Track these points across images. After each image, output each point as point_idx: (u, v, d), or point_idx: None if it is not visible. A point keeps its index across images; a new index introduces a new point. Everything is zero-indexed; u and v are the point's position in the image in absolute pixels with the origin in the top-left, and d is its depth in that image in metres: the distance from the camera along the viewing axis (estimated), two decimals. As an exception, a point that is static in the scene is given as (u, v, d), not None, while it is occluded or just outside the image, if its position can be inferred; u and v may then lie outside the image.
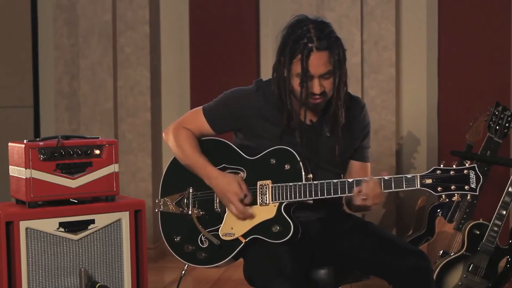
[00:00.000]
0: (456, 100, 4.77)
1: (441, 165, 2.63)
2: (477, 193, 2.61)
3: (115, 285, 3.12)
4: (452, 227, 3.88)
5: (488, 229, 3.62)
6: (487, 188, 3.83)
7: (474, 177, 2.60)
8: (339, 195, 2.72)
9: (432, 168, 2.63)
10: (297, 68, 2.71)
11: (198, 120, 2.95)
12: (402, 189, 2.67)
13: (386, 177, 2.67)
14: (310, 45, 2.69)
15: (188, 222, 2.92)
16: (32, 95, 5.36)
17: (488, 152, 3.78)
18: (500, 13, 4.71)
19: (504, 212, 3.59)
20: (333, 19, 4.51)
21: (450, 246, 3.84)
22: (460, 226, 3.83)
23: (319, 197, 2.73)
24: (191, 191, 2.94)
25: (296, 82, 2.73)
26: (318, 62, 2.70)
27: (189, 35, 5.13)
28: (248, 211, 2.79)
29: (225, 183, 2.81)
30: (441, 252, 3.83)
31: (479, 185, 2.60)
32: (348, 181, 2.70)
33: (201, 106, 2.98)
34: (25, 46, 5.34)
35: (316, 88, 2.72)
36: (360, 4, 4.78)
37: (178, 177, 2.98)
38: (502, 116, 3.79)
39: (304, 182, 2.75)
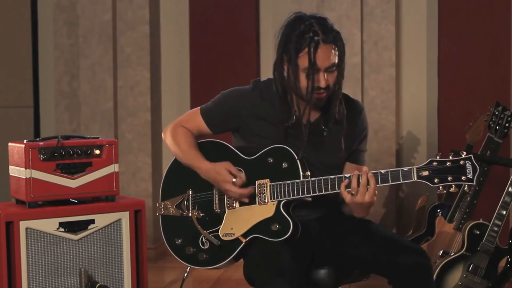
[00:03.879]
0: (456, 100, 4.77)
1: (437, 157, 2.63)
2: (474, 183, 2.61)
3: (115, 285, 3.12)
4: (452, 227, 3.88)
5: (488, 229, 3.62)
6: (487, 188, 3.84)
7: (471, 168, 2.59)
8: (337, 190, 2.71)
9: (428, 160, 2.63)
10: (304, 62, 2.72)
11: (196, 121, 2.95)
12: (399, 182, 2.66)
13: (382, 171, 2.66)
14: (316, 38, 2.70)
15: (188, 224, 2.92)
16: (32, 95, 5.36)
17: (488, 152, 3.78)
18: (500, 13, 4.71)
19: (504, 212, 3.59)
20: (333, 19, 4.46)
21: (450, 246, 3.84)
22: (460, 226, 3.83)
23: (317, 193, 2.73)
24: (190, 193, 2.94)
25: (302, 77, 2.73)
26: (324, 55, 2.71)
27: (189, 35, 5.13)
28: (245, 191, 2.79)
29: (215, 173, 2.83)
30: (441, 252, 3.83)
31: (476, 174, 2.59)
32: (345, 176, 2.70)
33: (199, 107, 2.98)
34: (25, 46, 5.34)
35: (322, 81, 2.72)
36: (360, 4, 4.78)
37: (177, 180, 2.98)
38: (502, 116, 3.79)
39: (301, 179, 2.75)
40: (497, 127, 3.78)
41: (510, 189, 3.59)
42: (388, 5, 4.77)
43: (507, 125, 3.78)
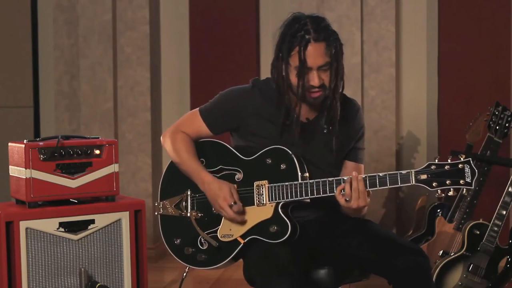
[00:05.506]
0: (456, 100, 4.77)
1: (436, 160, 2.63)
2: (473, 187, 2.60)
3: (115, 285, 3.12)
4: (452, 227, 3.88)
5: (488, 229, 3.62)
6: (487, 188, 3.84)
7: (469, 171, 2.58)
8: (335, 193, 2.71)
9: (427, 164, 2.63)
10: (295, 60, 2.72)
11: (195, 122, 2.95)
12: (398, 186, 2.66)
13: (381, 174, 2.66)
14: (307, 36, 2.70)
15: (187, 224, 2.92)
16: (32, 95, 5.36)
17: (488, 152, 3.78)
18: (500, 13, 4.71)
19: (504, 212, 3.59)
20: (333, 19, 4.50)
21: (450, 246, 3.84)
22: (460, 226, 3.82)
23: (315, 195, 2.73)
24: (189, 193, 2.94)
25: (294, 75, 2.74)
26: (315, 53, 2.70)
27: (189, 35, 5.13)
28: (238, 218, 2.79)
29: (217, 188, 2.82)
30: (441, 252, 3.83)
31: (475, 178, 2.58)
32: (343, 179, 2.70)
33: (197, 108, 2.98)
34: (25, 46, 5.34)
35: (314, 80, 2.72)
36: (360, 4, 4.78)
37: (176, 180, 2.98)
38: (502, 116, 3.79)
39: (300, 181, 2.75)
40: (497, 127, 3.78)
41: (510, 189, 3.59)
42: (388, 5, 4.77)
43: (507, 125, 3.78)
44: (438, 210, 4.00)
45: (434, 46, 4.85)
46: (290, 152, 2.78)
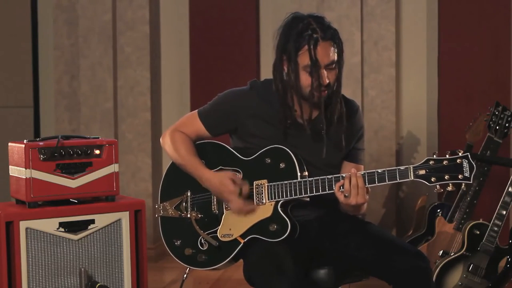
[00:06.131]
0: (456, 100, 4.77)
1: (434, 156, 2.63)
2: (471, 182, 2.61)
3: (115, 285, 3.13)
4: (452, 227, 3.88)
5: (488, 229, 3.62)
6: (487, 188, 3.84)
7: (468, 166, 2.59)
8: (334, 191, 2.71)
9: (425, 159, 2.63)
10: (304, 60, 2.72)
11: (194, 124, 2.95)
12: (396, 181, 2.66)
13: (379, 170, 2.66)
14: (315, 35, 2.71)
15: (187, 225, 2.92)
16: (32, 95, 5.37)
17: (488, 152, 3.78)
18: (500, 13, 4.71)
19: (504, 212, 3.59)
20: (333, 19, 4.49)
21: (450, 246, 3.84)
22: (460, 226, 3.83)
23: (314, 193, 2.73)
24: (189, 194, 2.94)
25: (303, 75, 2.73)
26: (324, 52, 2.71)
27: (189, 35, 5.14)
28: (247, 206, 2.79)
29: (219, 183, 2.82)
30: (441, 252, 3.83)
31: (473, 173, 2.59)
32: (342, 176, 2.70)
33: (196, 110, 2.98)
34: (25, 46, 5.35)
35: (324, 78, 2.72)
36: (360, 4, 4.78)
37: (176, 182, 2.98)
38: (502, 116, 3.79)
39: (299, 179, 2.75)
40: (497, 127, 3.78)
41: (510, 189, 3.59)
42: (388, 5, 4.78)
43: (507, 125, 3.78)
44: (438, 210, 4.00)
45: (434, 46, 4.85)
46: (289, 151, 2.78)
